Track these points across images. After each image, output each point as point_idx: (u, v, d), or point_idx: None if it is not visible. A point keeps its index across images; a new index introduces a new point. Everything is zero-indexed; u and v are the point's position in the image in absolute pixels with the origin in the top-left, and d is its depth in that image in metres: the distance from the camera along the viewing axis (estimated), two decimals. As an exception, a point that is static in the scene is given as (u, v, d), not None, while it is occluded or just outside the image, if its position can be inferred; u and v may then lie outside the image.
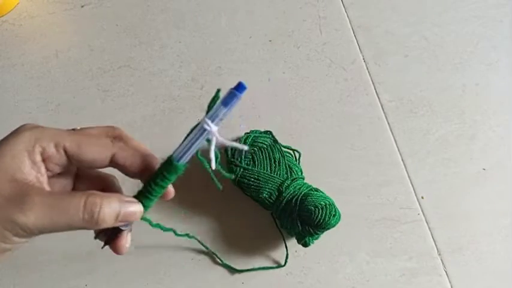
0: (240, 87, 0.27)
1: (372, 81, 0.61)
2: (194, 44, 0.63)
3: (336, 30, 0.63)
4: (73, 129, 0.29)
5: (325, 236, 0.51)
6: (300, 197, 0.50)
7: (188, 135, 0.28)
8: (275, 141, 0.54)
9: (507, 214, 0.56)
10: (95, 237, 0.32)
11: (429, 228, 0.56)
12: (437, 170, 0.57)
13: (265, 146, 0.53)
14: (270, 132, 0.55)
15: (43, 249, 0.54)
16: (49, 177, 0.27)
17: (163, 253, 0.54)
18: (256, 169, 0.52)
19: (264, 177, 0.51)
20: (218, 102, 0.28)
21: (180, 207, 0.55)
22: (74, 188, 0.31)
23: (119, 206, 0.27)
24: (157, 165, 0.29)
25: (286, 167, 0.52)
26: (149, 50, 0.63)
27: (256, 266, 0.54)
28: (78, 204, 0.25)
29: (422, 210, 0.56)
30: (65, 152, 0.26)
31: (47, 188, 0.27)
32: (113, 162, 0.28)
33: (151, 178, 0.29)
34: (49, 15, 0.64)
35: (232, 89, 0.27)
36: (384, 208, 0.56)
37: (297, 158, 0.56)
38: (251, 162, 0.52)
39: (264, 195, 0.51)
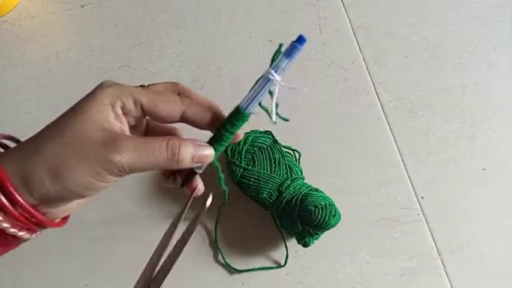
0: (300, 40, 0.30)
1: (372, 81, 0.61)
2: (194, 44, 0.63)
3: (336, 30, 0.63)
4: (141, 86, 0.32)
5: (325, 236, 0.51)
6: (300, 197, 0.50)
7: (253, 86, 0.32)
8: (275, 141, 0.54)
9: (507, 214, 0.56)
10: (168, 179, 0.35)
11: (429, 228, 0.56)
12: (437, 170, 0.57)
13: (265, 146, 0.53)
14: (270, 132, 0.55)
15: (43, 249, 0.54)
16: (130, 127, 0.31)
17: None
18: (256, 169, 0.52)
19: (264, 178, 0.51)
20: (281, 54, 0.30)
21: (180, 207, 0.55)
22: None
23: (194, 149, 0.30)
24: (223, 116, 0.32)
25: (286, 167, 0.52)
26: (149, 50, 0.63)
27: (256, 266, 0.54)
28: (162, 145, 0.29)
29: (422, 210, 0.56)
30: (141, 107, 0.29)
31: (129, 134, 0.30)
32: (183, 118, 0.31)
33: (221, 126, 0.32)
34: (49, 15, 0.64)
35: (293, 41, 0.30)
36: (384, 208, 0.56)
37: (297, 158, 0.56)
38: (251, 162, 0.52)
39: (264, 195, 0.51)
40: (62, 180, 0.26)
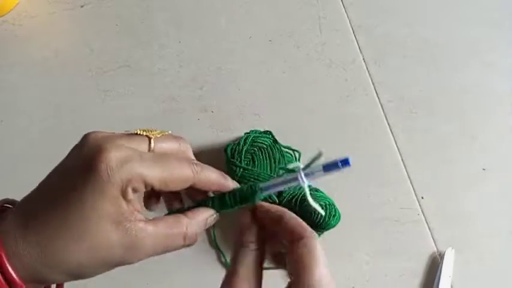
0: (345, 162, 0.30)
1: (372, 81, 0.61)
2: (194, 44, 0.63)
3: (335, 30, 0.63)
4: (148, 137, 0.29)
5: (325, 236, 0.51)
6: (299, 197, 0.50)
7: (281, 175, 0.31)
8: (275, 141, 0.54)
9: (507, 214, 0.56)
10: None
11: (429, 228, 0.56)
12: (437, 170, 0.57)
13: (265, 146, 0.53)
14: (270, 132, 0.55)
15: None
16: None
17: (162, 255, 0.54)
18: (256, 169, 0.52)
19: (263, 178, 0.51)
20: (320, 164, 0.30)
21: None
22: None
23: (200, 228, 0.30)
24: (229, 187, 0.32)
25: (286, 168, 0.52)
26: (149, 50, 0.63)
27: (256, 266, 0.53)
28: (179, 239, 0.29)
29: (422, 210, 0.56)
30: (152, 188, 0.27)
31: (140, 209, 0.28)
32: (191, 187, 0.30)
33: (230, 196, 0.31)
34: (49, 15, 0.64)
35: (338, 160, 0.30)
36: (384, 208, 0.56)
37: (297, 158, 0.56)
38: (251, 163, 0.52)
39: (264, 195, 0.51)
40: (79, 278, 0.26)
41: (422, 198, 0.56)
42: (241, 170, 0.52)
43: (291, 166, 0.30)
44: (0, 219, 0.25)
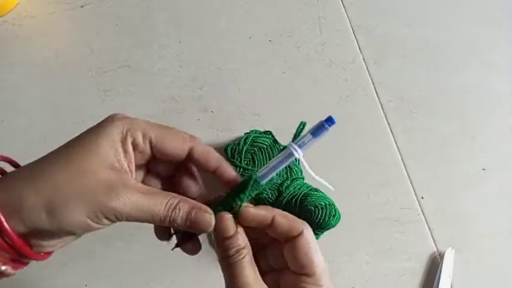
0: (329, 120, 0.30)
1: (372, 81, 0.61)
2: (194, 44, 0.63)
3: (335, 30, 0.63)
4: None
5: (325, 236, 0.51)
6: (299, 197, 0.50)
7: (274, 158, 0.31)
8: (275, 141, 0.54)
9: (507, 214, 0.56)
10: (162, 235, 0.34)
11: (429, 228, 0.56)
12: (437, 170, 0.57)
13: (265, 146, 0.53)
14: (270, 132, 0.55)
15: (43, 249, 0.54)
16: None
17: (163, 253, 0.54)
18: (256, 169, 0.52)
19: (264, 177, 0.51)
20: (307, 131, 0.30)
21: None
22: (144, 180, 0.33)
23: (188, 213, 0.29)
24: (228, 169, 0.32)
25: (286, 167, 0.52)
26: (149, 50, 0.63)
27: (256, 266, 0.53)
28: (162, 204, 0.28)
29: (422, 210, 0.56)
30: (149, 142, 0.29)
31: (134, 175, 0.29)
32: (190, 156, 0.30)
33: (233, 193, 0.31)
34: (49, 15, 0.64)
35: (322, 120, 0.30)
36: (384, 208, 0.56)
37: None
38: (251, 162, 0.52)
39: (264, 195, 0.51)
40: (58, 218, 0.26)
41: (422, 198, 0.56)
42: (241, 170, 0.52)
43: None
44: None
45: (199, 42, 0.63)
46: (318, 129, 0.30)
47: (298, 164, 0.56)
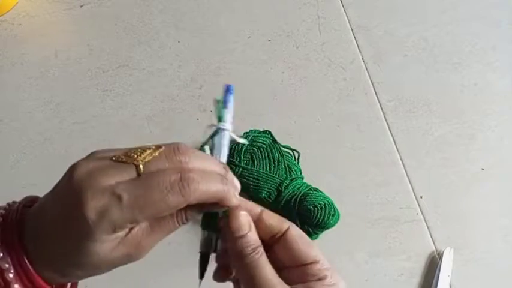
0: (228, 90, 0.33)
1: (371, 81, 0.61)
2: (193, 43, 0.63)
3: (335, 30, 0.63)
4: (158, 147, 0.27)
5: (324, 236, 0.51)
6: (299, 197, 0.50)
7: (212, 147, 0.32)
8: (274, 140, 0.54)
9: (506, 214, 0.56)
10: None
11: (428, 227, 0.56)
12: (436, 170, 0.57)
13: (264, 146, 0.53)
14: (269, 132, 0.55)
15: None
16: None
17: (163, 252, 0.54)
18: (255, 169, 0.52)
19: (263, 177, 0.51)
20: (219, 105, 0.32)
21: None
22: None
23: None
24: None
25: (285, 166, 0.52)
26: (148, 49, 0.63)
27: (256, 265, 0.54)
28: (174, 226, 0.29)
29: (421, 210, 0.56)
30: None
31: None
32: None
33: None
34: (48, 15, 0.64)
35: (224, 91, 0.33)
36: (383, 208, 0.56)
37: (296, 157, 0.56)
38: (250, 162, 0.52)
39: (263, 194, 0.51)
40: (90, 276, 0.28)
41: (421, 197, 0.56)
42: (241, 169, 0.52)
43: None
44: (22, 226, 0.27)
45: (199, 42, 0.63)
46: (225, 98, 0.33)
47: (298, 163, 0.56)
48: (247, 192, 0.53)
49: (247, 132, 0.55)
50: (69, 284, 0.31)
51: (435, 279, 0.53)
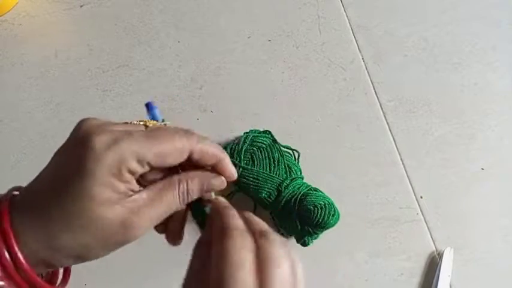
0: (149, 106, 0.33)
1: (371, 81, 0.61)
2: (193, 43, 0.63)
3: (335, 30, 0.63)
4: (145, 125, 0.29)
5: (324, 236, 0.51)
6: (299, 197, 0.50)
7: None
8: (274, 140, 0.54)
9: (506, 214, 0.56)
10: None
11: (428, 227, 0.56)
12: (436, 170, 0.58)
13: (264, 146, 0.53)
14: (269, 132, 0.55)
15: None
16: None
17: (163, 252, 0.54)
18: (255, 169, 0.52)
19: (263, 177, 0.51)
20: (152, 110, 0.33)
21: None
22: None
23: (204, 186, 0.29)
24: (225, 166, 0.31)
25: (285, 166, 0.52)
26: (148, 49, 0.63)
27: (256, 265, 0.54)
28: (176, 200, 0.28)
29: (421, 210, 0.56)
30: (149, 165, 0.27)
31: (138, 187, 0.28)
32: (191, 158, 0.29)
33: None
34: (48, 15, 0.64)
35: (146, 105, 0.33)
36: (383, 208, 0.56)
37: (296, 157, 0.56)
38: (250, 162, 0.52)
39: (263, 194, 0.51)
40: (85, 259, 0.27)
41: (421, 197, 0.56)
42: (241, 169, 0.52)
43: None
44: (11, 207, 0.26)
45: (199, 42, 0.63)
46: (152, 112, 0.33)
47: (298, 163, 0.56)
48: (248, 192, 0.53)
49: (247, 132, 0.55)
50: (60, 275, 0.30)
51: (435, 279, 0.53)
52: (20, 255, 0.25)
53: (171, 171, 0.29)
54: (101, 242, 0.26)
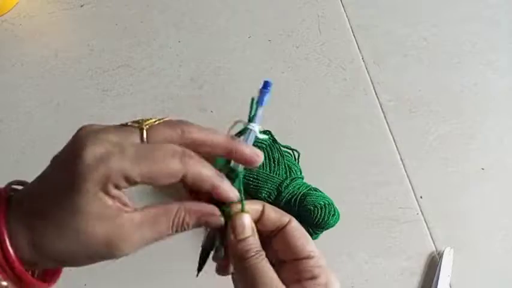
0: (266, 85, 0.32)
1: (371, 80, 0.61)
2: (193, 43, 0.63)
3: (335, 29, 0.63)
4: (140, 129, 0.28)
5: (324, 236, 0.51)
6: (299, 197, 0.50)
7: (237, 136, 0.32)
8: (274, 140, 0.54)
9: (506, 214, 0.56)
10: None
11: (428, 227, 0.56)
12: (436, 170, 0.58)
13: (264, 146, 0.53)
14: (269, 132, 0.55)
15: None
16: None
17: (163, 252, 0.54)
18: (255, 169, 0.52)
19: (263, 177, 0.51)
20: (255, 105, 0.32)
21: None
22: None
23: (200, 221, 0.29)
24: (222, 192, 0.29)
25: (285, 166, 0.52)
26: (148, 49, 0.63)
27: (256, 265, 0.54)
28: (169, 228, 0.27)
29: (421, 210, 0.56)
30: (136, 182, 0.26)
31: (129, 203, 0.27)
32: (184, 182, 0.28)
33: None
34: (48, 15, 0.64)
35: (261, 88, 0.32)
36: (383, 208, 0.56)
37: (296, 157, 0.56)
38: (250, 162, 0.52)
39: (263, 194, 0.51)
40: (71, 266, 0.27)
41: (421, 197, 0.56)
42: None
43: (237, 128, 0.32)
44: (8, 203, 0.26)
45: (199, 41, 0.63)
46: (262, 97, 0.32)
47: (298, 163, 0.56)
48: (248, 192, 0.53)
49: (247, 132, 0.55)
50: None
51: (435, 279, 0.53)
52: (10, 248, 0.25)
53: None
54: (85, 254, 0.26)
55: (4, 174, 0.58)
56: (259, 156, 0.30)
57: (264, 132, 0.55)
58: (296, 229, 0.30)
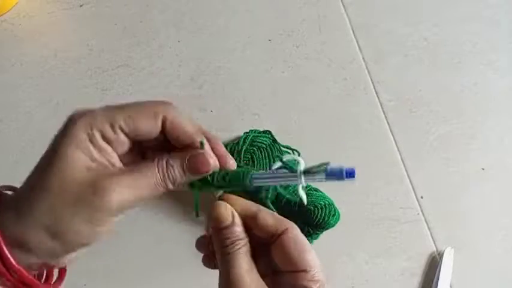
0: (350, 173, 0.28)
1: (372, 80, 0.61)
2: (193, 43, 0.63)
3: (335, 29, 0.63)
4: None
5: (325, 236, 0.51)
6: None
7: (277, 169, 0.29)
8: (274, 140, 0.54)
9: (506, 214, 0.56)
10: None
11: (428, 227, 0.56)
12: (436, 170, 0.57)
13: (264, 146, 0.53)
14: (269, 132, 0.55)
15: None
16: (119, 155, 0.28)
17: (163, 252, 0.54)
18: (255, 168, 0.52)
19: (263, 177, 0.51)
20: (322, 168, 0.28)
21: (181, 207, 0.55)
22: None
23: (185, 161, 0.28)
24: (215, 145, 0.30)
25: (285, 166, 0.52)
26: (148, 49, 0.62)
27: (256, 265, 0.53)
28: (155, 171, 0.27)
29: (421, 210, 0.56)
30: (121, 130, 0.27)
31: (119, 164, 0.28)
32: (164, 128, 0.28)
33: (219, 175, 0.29)
34: (48, 15, 0.64)
35: (343, 169, 0.28)
36: (384, 208, 0.56)
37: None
38: (250, 162, 0.52)
39: (263, 194, 0.51)
40: (62, 236, 0.25)
41: (421, 197, 0.56)
42: (241, 169, 0.52)
43: (288, 158, 0.29)
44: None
45: (199, 41, 0.63)
46: (334, 174, 0.28)
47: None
48: (247, 192, 0.52)
49: (247, 132, 0.55)
50: (56, 273, 0.30)
51: (435, 279, 0.53)
52: (9, 256, 0.24)
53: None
54: (69, 206, 0.25)
55: (4, 174, 0.58)
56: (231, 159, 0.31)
57: (264, 132, 0.55)
58: (294, 240, 0.29)
